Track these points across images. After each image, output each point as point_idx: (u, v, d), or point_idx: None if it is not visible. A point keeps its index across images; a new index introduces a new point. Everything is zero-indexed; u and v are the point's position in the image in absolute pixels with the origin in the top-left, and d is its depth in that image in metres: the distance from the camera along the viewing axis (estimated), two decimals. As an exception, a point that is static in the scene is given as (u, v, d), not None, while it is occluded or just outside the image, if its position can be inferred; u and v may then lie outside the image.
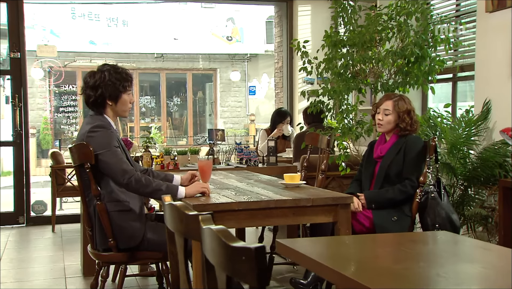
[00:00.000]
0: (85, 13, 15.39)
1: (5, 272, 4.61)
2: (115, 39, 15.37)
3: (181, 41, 15.55)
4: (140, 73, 15.91)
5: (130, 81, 3.28)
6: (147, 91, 16.40)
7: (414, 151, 3.65)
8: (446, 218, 3.52)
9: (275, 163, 4.96)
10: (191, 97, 16.21)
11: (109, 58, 15.55)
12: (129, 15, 15.42)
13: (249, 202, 3.00)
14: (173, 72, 16.16)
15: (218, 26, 15.85)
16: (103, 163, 3.04)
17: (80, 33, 15.26)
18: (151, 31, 15.30)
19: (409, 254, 1.86)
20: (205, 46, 15.71)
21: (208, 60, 16.09)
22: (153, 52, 15.68)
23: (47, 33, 15.35)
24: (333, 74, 4.84)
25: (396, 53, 4.63)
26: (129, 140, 4.76)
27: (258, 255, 1.17)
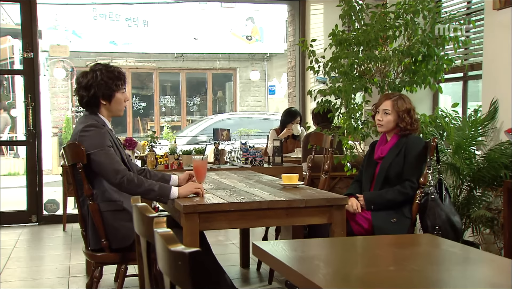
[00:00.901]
0: (106, 13, 15.51)
1: (11, 271, 4.65)
2: (136, 39, 15.46)
3: (201, 40, 15.58)
4: (160, 73, 15.99)
5: (123, 80, 3.28)
6: (167, 91, 16.47)
7: (415, 152, 3.58)
8: (446, 220, 3.45)
9: (280, 163, 4.92)
10: (210, 96, 16.24)
11: (129, 58, 15.68)
12: (149, 15, 15.50)
13: (241, 202, 2.97)
14: (193, 72, 16.21)
15: (237, 25, 15.85)
16: (96, 162, 3.04)
17: (101, 34, 15.39)
18: (171, 31, 15.37)
19: (381, 257, 1.81)
20: (225, 45, 15.72)
21: (228, 59, 16.10)
22: (173, 52, 15.74)
23: (69, 33, 15.52)
24: (339, 73, 4.79)
25: (402, 52, 4.56)
26: (133, 139, 4.77)
27: (192, 260, 1.15)
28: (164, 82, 16.39)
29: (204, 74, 16.24)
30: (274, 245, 2.00)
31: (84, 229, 3.21)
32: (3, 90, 16.88)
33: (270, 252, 1.86)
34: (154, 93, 15.97)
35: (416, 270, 1.68)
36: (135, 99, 15.96)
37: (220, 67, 16.17)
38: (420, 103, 5.57)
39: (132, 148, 4.70)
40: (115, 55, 15.59)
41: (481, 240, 4.22)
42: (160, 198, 3.10)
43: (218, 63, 16.12)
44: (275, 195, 3.16)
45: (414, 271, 1.67)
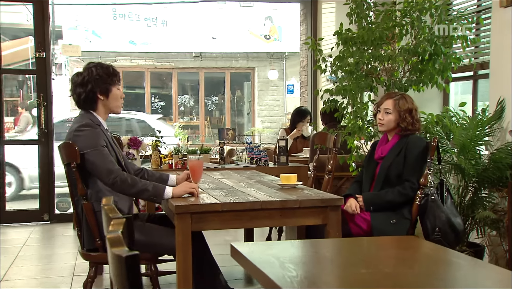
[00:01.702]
0: (125, 13, 15.61)
1: (17, 269, 4.69)
2: (154, 39, 15.52)
3: (219, 40, 15.59)
4: (178, 72, 16.03)
5: (118, 76, 3.29)
6: (186, 90, 16.52)
7: (415, 152, 3.53)
8: (446, 222, 3.39)
9: (285, 163, 4.89)
10: (229, 96, 16.24)
11: (148, 57, 15.75)
12: (168, 15, 15.55)
13: (234, 203, 2.95)
14: (211, 72, 16.22)
15: (256, 25, 15.82)
16: (89, 162, 3.04)
17: (121, 33, 15.49)
18: (189, 30, 15.40)
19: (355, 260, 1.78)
20: (243, 45, 15.71)
21: (246, 59, 16.08)
22: (191, 52, 15.77)
23: (89, 33, 15.65)
24: (344, 72, 4.74)
25: (408, 50, 4.50)
26: (138, 139, 4.77)
27: (129, 263, 1.13)
28: (182, 82, 16.44)
29: (222, 74, 16.24)
30: (251, 247, 1.98)
31: (79, 229, 3.21)
32: (27, 90, 17.08)
33: (244, 254, 1.84)
34: (173, 92, 16.02)
35: (388, 273, 1.65)
36: (154, 99, 16.03)
37: (239, 67, 16.17)
38: (430, 103, 5.51)
39: (137, 147, 4.70)
40: (134, 55, 15.68)
41: (488, 242, 4.14)
42: (154, 198, 3.10)
43: (237, 63, 16.12)
44: (270, 196, 3.13)
45: (386, 274, 1.63)
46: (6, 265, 4.80)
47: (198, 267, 3.18)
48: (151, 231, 3.19)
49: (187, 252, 2.90)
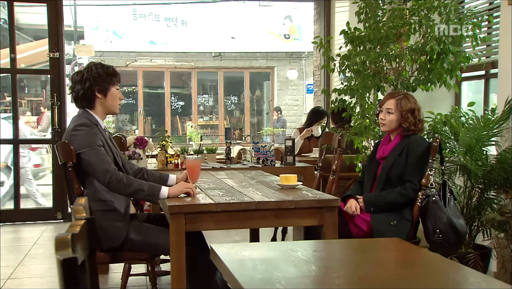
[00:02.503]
0: (145, 13, 15.70)
1: (25, 268, 4.74)
2: (174, 39, 15.59)
3: (238, 40, 15.60)
4: (198, 72, 16.09)
5: (117, 77, 3.28)
6: (205, 90, 16.56)
7: (417, 152, 3.48)
8: (447, 223, 3.33)
9: (292, 163, 4.86)
10: (248, 95, 16.25)
11: (168, 57, 15.83)
12: (188, 15, 15.61)
13: (228, 203, 2.93)
14: (230, 71, 16.25)
15: (275, 24, 15.80)
16: (85, 162, 3.05)
17: (141, 34, 15.59)
18: (209, 30, 15.44)
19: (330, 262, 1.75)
20: (262, 44, 15.70)
21: (266, 58, 16.07)
22: (211, 51, 15.81)
23: (110, 34, 15.78)
24: (352, 71, 4.70)
25: (415, 49, 4.44)
26: (144, 138, 4.78)
27: (65, 266, 1.12)
28: (202, 82, 16.49)
29: (241, 73, 16.26)
30: (230, 248, 1.96)
31: (77, 228, 3.22)
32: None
33: (219, 255, 1.83)
34: (192, 92, 16.08)
35: (360, 276, 1.62)
36: (174, 99, 16.11)
37: (258, 66, 16.17)
38: (441, 102, 5.42)
39: (143, 146, 4.71)
40: (154, 55, 15.77)
41: (496, 244, 4.06)
42: (149, 198, 3.09)
43: (256, 62, 16.11)
44: (267, 196, 3.11)
45: (359, 277, 1.60)
46: (15, 263, 4.86)
47: (193, 267, 3.17)
48: (147, 231, 3.19)
49: (181, 252, 2.89)
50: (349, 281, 1.58)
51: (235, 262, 1.75)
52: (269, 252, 1.95)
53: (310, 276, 1.61)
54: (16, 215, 6.70)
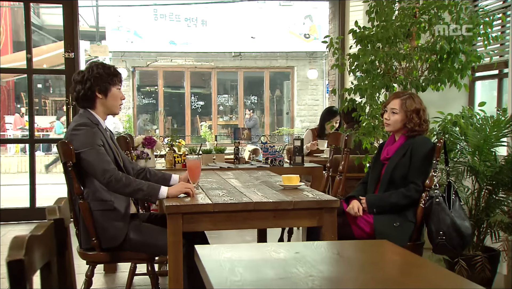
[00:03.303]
0: (166, 14, 15.79)
1: (35, 265, 4.78)
2: (194, 39, 15.66)
3: (258, 39, 15.61)
4: (218, 72, 16.13)
5: (118, 77, 3.29)
6: (225, 90, 16.59)
7: (421, 153, 3.43)
8: (451, 225, 3.27)
9: (301, 163, 4.84)
10: (268, 95, 16.24)
11: (188, 57, 15.90)
12: (208, 15, 15.66)
13: (226, 203, 2.92)
14: (250, 71, 16.26)
15: (295, 24, 15.77)
16: (85, 161, 3.06)
17: (161, 34, 15.68)
18: (229, 30, 15.47)
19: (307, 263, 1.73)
20: (282, 44, 15.68)
21: (286, 58, 16.04)
22: (231, 51, 15.84)
23: (131, 34, 15.90)
24: (360, 71, 4.66)
25: (425, 49, 4.38)
26: (153, 138, 4.80)
27: (11, 269, 1.12)
28: (222, 81, 16.53)
29: (261, 73, 16.25)
30: (212, 249, 1.95)
31: (77, 228, 3.24)
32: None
33: (200, 256, 1.82)
34: (212, 92, 16.12)
35: (328, 276, 1.59)
36: (194, 98, 16.17)
37: (278, 66, 16.15)
38: (454, 102, 5.35)
39: (151, 146, 4.73)
40: (174, 55, 15.85)
41: (506, 247, 3.99)
42: (149, 198, 3.10)
43: (276, 62, 16.09)
44: (266, 196, 3.09)
45: (325, 278, 1.58)
46: (26, 261, 4.90)
47: (193, 268, 3.17)
48: (146, 231, 3.19)
49: (178, 253, 2.89)
50: (325, 283, 1.56)
51: (214, 263, 1.74)
52: (251, 253, 1.93)
53: (286, 277, 1.59)
54: (32, 213, 6.77)
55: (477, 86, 5.39)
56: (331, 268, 1.68)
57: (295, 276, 1.60)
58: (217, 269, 1.68)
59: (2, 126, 17.46)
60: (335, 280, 1.58)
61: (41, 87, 20.05)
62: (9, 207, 7.03)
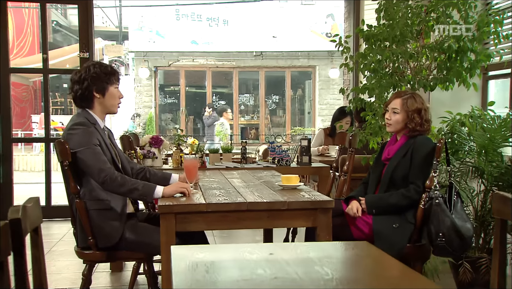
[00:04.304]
0: (188, 14, 15.87)
1: (44, 263, 4.83)
2: (216, 38, 15.70)
3: (280, 39, 15.58)
4: (239, 71, 16.14)
5: (116, 76, 3.29)
6: (246, 89, 16.60)
7: (422, 153, 3.37)
8: (451, 227, 3.21)
9: (308, 163, 4.81)
10: (289, 95, 16.20)
11: (210, 57, 15.94)
12: (230, 14, 15.69)
13: (219, 203, 2.92)
14: (272, 70, 16.23)
15: (317, 23, 15.71)
16: (81, 160, 3.07)
17: (183, 33, 15.76)
18: (250, 29, 15.48)
19: (272, 263, 1.72)
20: (304, 43, 15.63)
21: (307, 57, 15.98)
22: (252, 51, 15.84)
23: (153, 34, 16.02)
24: (368, 70, 4.61)
25: (432, 47, 4.32)
26: (160, 138, 4.81)
27: None
28: (243, 81, 16.53)
29: (283, 73, 16.22)
30: (188, 250, 1.95)
31: (75, 227, 3.27)
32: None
33: (172, 257, 1.82)
34: (234, 91, 16.14)
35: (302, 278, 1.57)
36: (215, 98, 16.20)
37: (299, 65, 16.10)
38: (467, 102, 5.27)
39: (158, 146, 4.74)
40: (196, 55, 15.91)
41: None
42: (144, 197, 3.11)
43: (297, 61, 16.04)
44: (262, 197, 3.07)
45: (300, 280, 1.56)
46: (36, 259, 4.95)
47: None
48: (142, 230, 3.19)
49: (170, 252, 2.88)
50: (288, 284, 1.54)
51: (183, 264, 1.74)
52: (225, 255, 1.92)
53: (249, 279, 1.58)
54: (48, 212, 6.85)
55: (490, 85, 5.30)
56: (300, 270, 1.66)
57: (259, 278, 1.59)
58: (184, 269, 1.67)
59: (29, 125, 17.74)
60: (299, 281, 1.56)
61: (67, 86, 20.29)
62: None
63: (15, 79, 16.26)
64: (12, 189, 6.86)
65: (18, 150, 15.71)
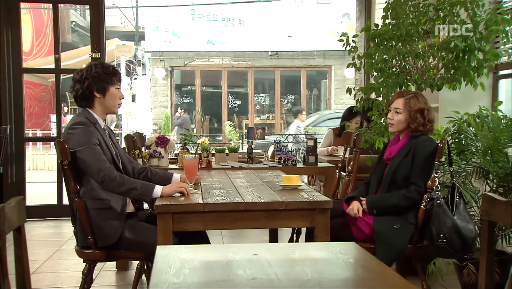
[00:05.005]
0: (204, 14, 15.91)
1: (52, 262, 4.88)
2: (231, 38, 15.72)
3: (295, 38, 15.56)
4: (255, 71, 16.14)
5: (117, 76, 3.31)
6: (262, 89, 16.59)
7: (424, 153, 3.34)
8: (452, 228, 3.17)
9: (314, 163, 4.79)
10: (305, 94, 16.16)
11: (225, 57, 15.96)
12: (245, 14, 15.70)
13: (217, 203, 2.92)
14: (287, 70, 16.21)
15: (333, 22, 15.65)
16: (80, 160, 3.09)
17: (199, 33, 15.80)
18: (266, 29, 15.48)
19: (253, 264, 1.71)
20: (320, 43, 15.58)
21: (323, 57, 15.93)
22: (268, 50, 15.83)
23: (169, 34, 16.09)
24: (374, 69, 4.58)
25: (438, 47, 4.27)
26: (166, 137, 4.82)
27: None
28: (258, 81, 16.53)
29: (298, 72, 16.19)
30: (172, 250, 1.94)
31: (75, 226, 3.28)
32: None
33: (156, 257, 1.82)
34: (249, 91, 16.14)
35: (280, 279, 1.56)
36: (231, 98, 16.22)
37: (315, 65, 16.05)
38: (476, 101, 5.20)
39: (164, 145, 4.76)
40: (212, 54, 15.95)
41: (520, 253, 3.85)
42: (143, 197, 3.12)
43: (313, 61, 15.99)
44: (261, 197, 3.07)
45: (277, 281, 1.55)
46: (44, 258, 5.01)
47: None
48: (141, 229, 3.20)
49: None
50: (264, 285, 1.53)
51: (165, 264, 1.74)
52: (209, 255, 1.91)
53: (227, 280, 1.58)
54: (59, 211, 6.91)
55: (501, 84, 5.23)
56: (280, 270, 1.65)
57: (237, 279, 1.58)
58: (164, 270, 1.67)
59: (48, 125, 17.91)
60: (276, 282, 1.55)
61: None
62: (37, 204, 7.19)
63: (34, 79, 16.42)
64: (24, 188, 6.93)
65: (36, 149, 15.86)
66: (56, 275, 4.56)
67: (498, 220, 1.80)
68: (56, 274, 4.59)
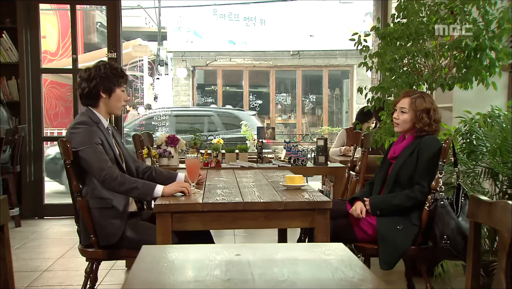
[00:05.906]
0: (225, 13, 15.94)
1: (64, 261, 4.93)
2: (253, 38, 15.73)
3: (317, 38, 15.49)
4: (276, 70, 16.11)
5: (125, 78, 3.33)
6: (284, 89, 16.56)
7: (428, 153, 3.29)
8: (456, 229, 3.13)
9: (324, 163, 4.76)
10: (327, 94, 16.08)
11: (247, 56, 15.97)
12: (267, 13, 15.68)
13: (216, 203, 2.92)
14: (309, 70, 16.15)
15: (355, 21, 15.55)
16: (82, 159, 3.12)
17: (220, 33, 15.84)
18: (287, 28, 15.44)
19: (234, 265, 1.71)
20: (341, 42, 15.46)
21: (345, 56, 15.84)
22: (289, 50, 15.79)
23: (191, 34, 16.16)
24: (384, 69, 4.53)
25: (448, 46, 4.22)
26: (176, 137, 4.84)
27: None
28: (280, 80, 16.50)
29: (320, 72, 16.12)
30: (158, 250, 1.95)
31: (78, 225, 3.31)
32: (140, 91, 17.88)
33: (139, 257, 1.83)
34: (270, 91, 16.13)
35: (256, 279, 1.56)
36: (252, 97, 16.22)
37: (337, 64, 15.96)
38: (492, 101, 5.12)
39: (174, 145, 4.78)
40: (233, 54, 15.96)
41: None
42: (144, 196, 3.14)
43: (335, 60, 15.91)
44: (261, 197, 3.06)
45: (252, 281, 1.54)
46: (57, 256, 5.06)
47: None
48: (143, 229, 3.22)
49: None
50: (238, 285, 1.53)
51: (147, 263, 1.75)
52: (192, 255, 1.91)
53: (200, 280, 1.57)
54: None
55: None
56: (257, 271, 1.64)
57: (212, 279, 1.58)
58: (144, 269, 1.68)
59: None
60: (251, 282, 1.54)
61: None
62: (53, 203, 7.28)
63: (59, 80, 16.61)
64: (43, 186, 7.02)
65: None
66: (67, 273, 4.60)
67: (483, 221, 1.77)
68: (67, 272, 4.64)
